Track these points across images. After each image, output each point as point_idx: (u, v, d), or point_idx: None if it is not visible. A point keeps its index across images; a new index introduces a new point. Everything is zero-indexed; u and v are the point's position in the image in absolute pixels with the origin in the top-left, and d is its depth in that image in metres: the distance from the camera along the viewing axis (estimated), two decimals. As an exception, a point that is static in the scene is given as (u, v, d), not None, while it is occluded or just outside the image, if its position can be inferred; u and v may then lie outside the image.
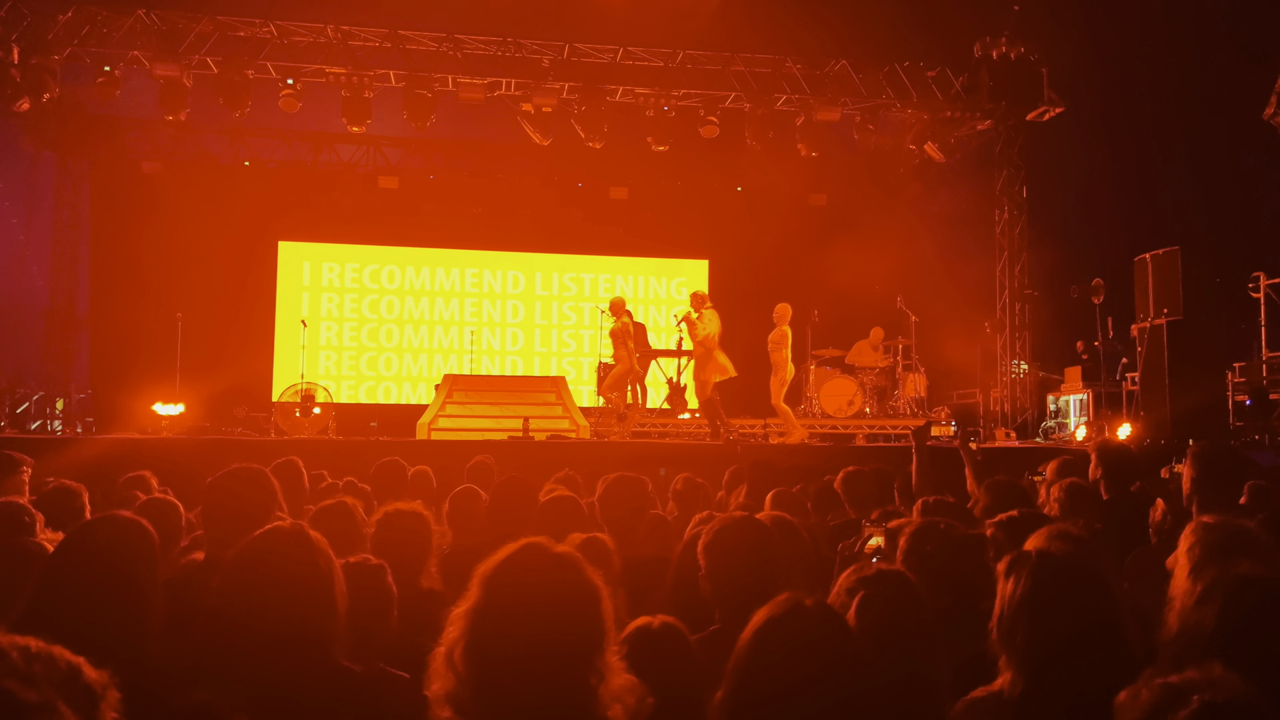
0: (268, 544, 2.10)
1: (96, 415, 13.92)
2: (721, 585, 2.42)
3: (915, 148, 14.44)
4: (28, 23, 12.11)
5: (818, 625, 1.72)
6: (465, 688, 1.65)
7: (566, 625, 1.69)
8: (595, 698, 1.68)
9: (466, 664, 1.66)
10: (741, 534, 2.52)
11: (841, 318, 13.71)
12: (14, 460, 4.12)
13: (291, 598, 2.02)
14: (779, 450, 10.04)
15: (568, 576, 1.75)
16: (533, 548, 1.79)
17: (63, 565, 2.28)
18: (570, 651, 1.67)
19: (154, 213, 14.41)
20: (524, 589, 1.71)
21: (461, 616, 1.71)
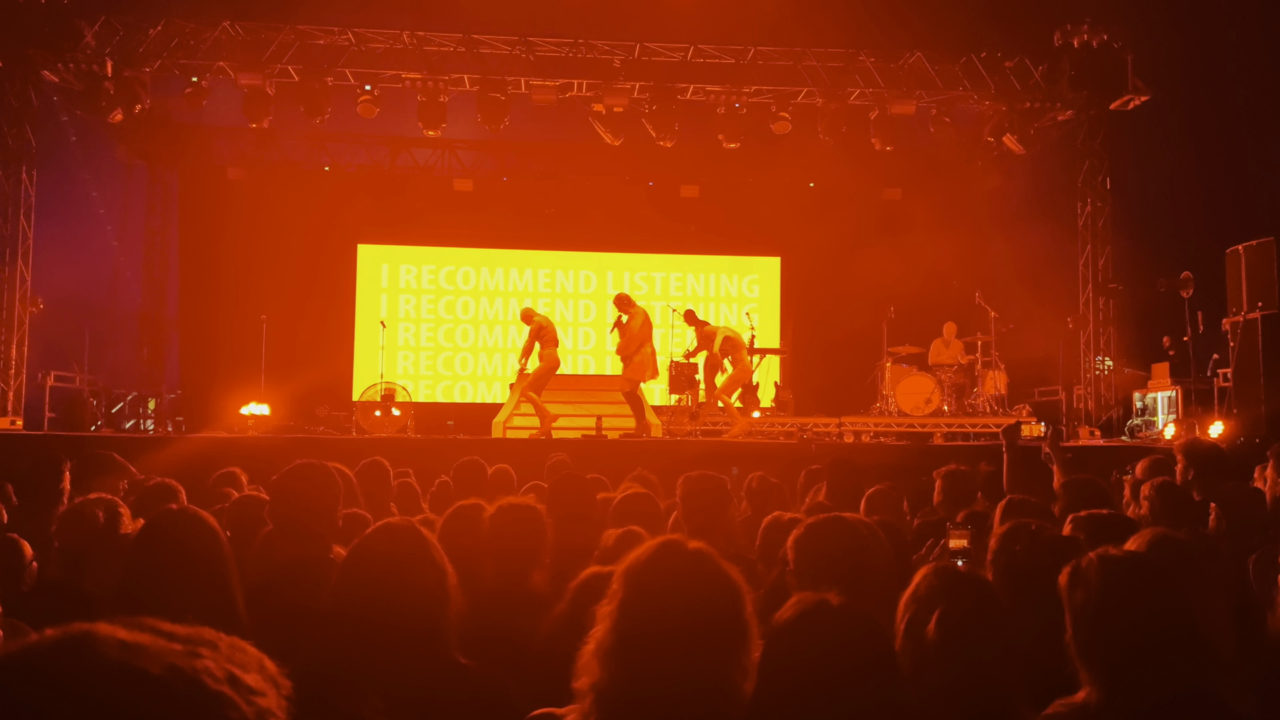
0: (386, 540, 2.15)
1: (186, 415, 14.41)
2: (809, 582, 2.41)
3: (993, 140, 14.13)
4: (120, 37, 12.58)
5: (843, 627, 1.70)
6: (614, 683, 1.66)
7: (711, 621, 1.68)
8: (740, 693, 1.66)
9: (614, 660, 1.67)
10: (832, 532, 2.50)
11: (917, 314, 13.48)
12: (105, 459, 4.28)
13: (409, 594, 2.06)
14: (857, 449, 9.92)
15: (707, 572, 1.74)
16: (669, 545, 1.79)
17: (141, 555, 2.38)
18: (716, 647, 1.67)
19: (239, 218, 14.91)
20: (668, 585, 1.71)
21: (608, 614, 1.72)
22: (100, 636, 0.72)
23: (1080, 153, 14.10)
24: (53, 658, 0.71)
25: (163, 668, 0.71)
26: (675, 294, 16.06)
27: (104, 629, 0.73)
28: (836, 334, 14.64)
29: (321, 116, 12.88)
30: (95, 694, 0.69)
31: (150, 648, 0.73)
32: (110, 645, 0.72)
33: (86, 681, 0.69)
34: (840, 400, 13.12)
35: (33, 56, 12.19)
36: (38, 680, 0.69)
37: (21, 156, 12.54)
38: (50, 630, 0.73)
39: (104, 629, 0.73)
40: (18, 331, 12.43)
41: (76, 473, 3.86)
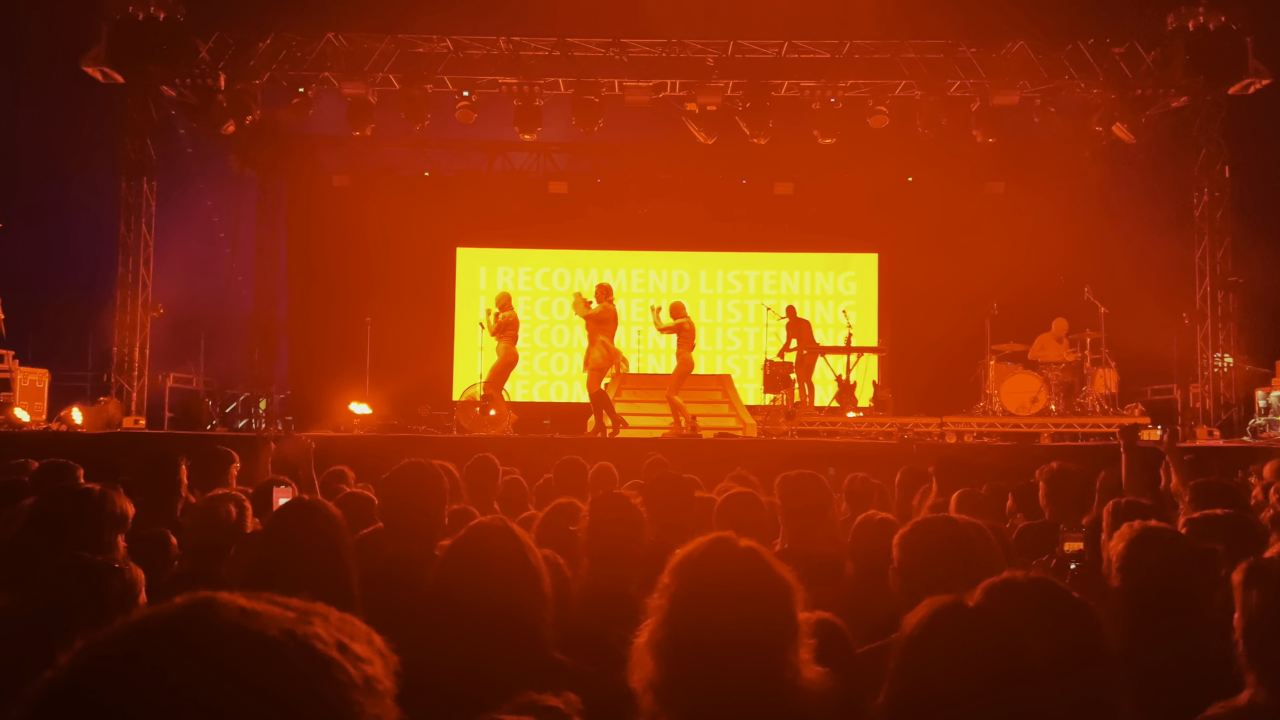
0: (480, 540, 2.19)
1: (295, 414, 14.92)
2: (914, 582, 2.36)
3: (1102, 129, 13.62)
4: (232, 52, 13.12)
5: (981, 628, 1.66)
6: (665, 677, 1.69)
7: (760, 616, 1.71)
8: (790, 688, 1.69)
9: (665, 654, 1.70)
10: (939, 531, 2.45)
11: (1022, 310, 13.07)
12: (225, 455, 4.47)
13: (503, 592, 2.10)
14: (965, 449, 9.68)
15: (758, 568, 1.78)
16: (720, 541, 1.82)
17: (270, 544, 2.47)
18: (764, 642, 1.70)
19: (344, 224, 15.40)
20: (717, 580, 1.74)
21: (658, 608, 1.75)
22: (221, 602, 0.78)
23: (1196, 140, 13.47)
24: (178, 620, 0.76)
25: (278, 631, 0.76)
26: (770, 292, 15.94)
27: (225, 596, 0.79)
28: (937, 331, 14.29)
29: (421, 123, 13.19)
30: (214, 652, 0.74)
31: (266, 614, 0.78)
32: (230, 610, 0.77)
33: (207, 641, 0.74)
34: (941, 399, 12.81)
35: (153, 73, 12.80)
36: (163, 639, 0.75)
37: (143, 168, 13.17)
38: (180, 599, 0.79)
39: (225, 596, 0.79)
40: (140, 335, 13.06)
41: (200, 468, 4.06)
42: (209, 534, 3.09)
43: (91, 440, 9.74)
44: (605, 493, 3.02)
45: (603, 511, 2.90)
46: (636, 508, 2.93)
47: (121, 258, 13.07)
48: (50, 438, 9.63)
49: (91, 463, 4.62)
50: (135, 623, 0.77)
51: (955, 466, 4.79)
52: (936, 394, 13.25)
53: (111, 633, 0.76)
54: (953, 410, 12.23)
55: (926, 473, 5.22)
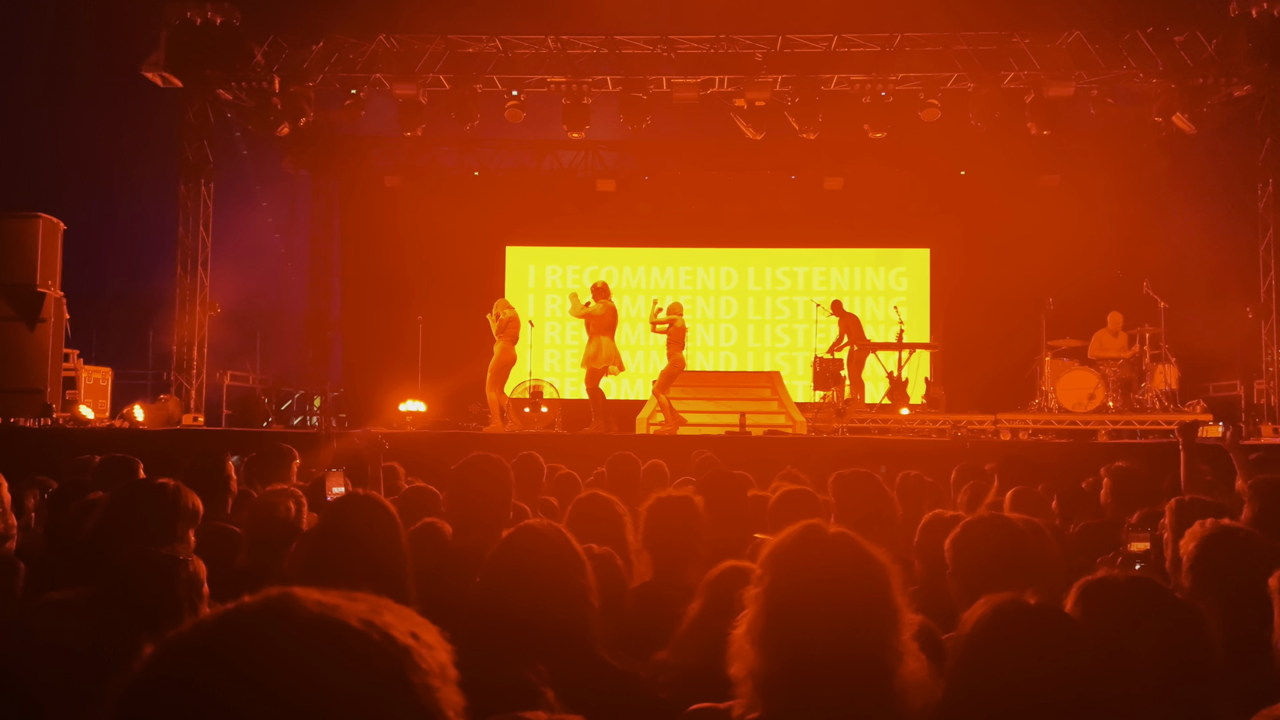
0: (525, 543, 2.20)
1: (349, 411, 15.15)
2: (969, 584, 2.33)
3: (1161, 119, 13.29)
4: (286, 55, 13.34)
5: (1044, 626, 1.63)
6: (766, 666, 1.68)
7: (859, 602, 1.69)
8: (894, 676, 1.66)
9: (765, 644, 1.69)
10: (991, 531, 2.41)
11: (1079, 306, 12.81)
12: (286, 452, 4.55)
13: (549, 595, 2.10)
14: (1026, 446, 9.52)
15: (853, 552, 1.75)
16: (812, 528, 1.81)
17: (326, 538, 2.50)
18: (866, 629, 1.67)
19: (396, 224, 15.59)
20: (815, 566, 1.72)
21: (755, 598, 1.74)
22: (299, 595, 0.80)
23: (1260, 130, 13.09)
24: (262, 613, 0.78)
25: (358, 621, 0.78)
26: (819, 288, 15.81)
27: (300, 590, 0.81)
28: (991, 327, 14.08)
29: (471, 123, 13.30)
30: (301, 642, 0.76)
31: (343, 605, 0.80)
32: (309, 602, 0.79)
33: (292, 632, 0.76)
34: (995, 396, 12.60)
35: (210, 77, 13.06)
36: (250, 632, 0.76)
37: (200, 171, 13.45)
38: (260, 594, 0.81)
39: (300, 590, 0.81)
40: (198, 334, 13.34)
41: (259, 463, 4.13)
42: (268, 529, 3.15)
43: (152, 437, 9.97)
44: (666, 494, 3.01)
45: (663, 512, 2.89)
46: (698, 509, 2.92)
47: (180, 259, 13.36)
48: (113, 435, 9.88)
49: (153, 459, 4.72)
50: (219, 617, 0.78)
51: (1016, 464, 4.70)
52: (990, 391, 13.03)
53: (198, 626, 0.78)
54: (1007, 407, 12.03)
55: (983, 471, 5.14)
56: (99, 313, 14.03)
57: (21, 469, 5.43)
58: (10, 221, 10.25)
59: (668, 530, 2.86)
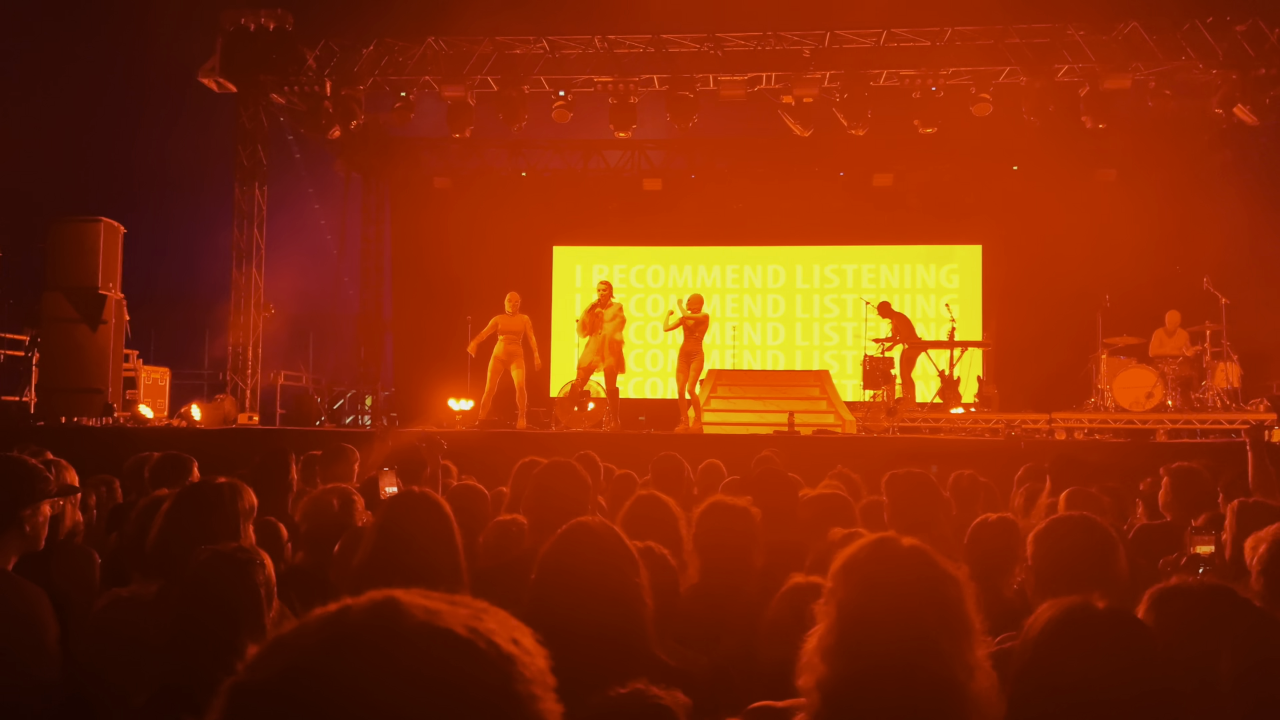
0: (577, 540, 2.20)
1: (399, 410, 15.32)
2: (1048, 583, 2.28)
3: (1222, 111, 12.95)
4: (337, 59, 13.53)
5: (1114, 630, 1.60)
6: (836, 680, 1.66)
7: (933, 615, 1.66)
8: (965, 693, 1.63)
9: (836, 658, 1.67)
10: (1079, 530, 2.36)
11: (1136, 302, 12.54)
12: (347, 451, 4.62)
13: (602, 592, 2.10)
14: (1080, 446, 9.34)
15: (927, 567, 1.73)
16: (886, 541, 1.78)
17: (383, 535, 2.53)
18: (939, 642, 1.64)
19: (445, 224, 15.76)
20: (888, 581, 1.70)
21: (827, 610, 1.72)
22: (404, 601, 0.79)
23: (1326, 120, 12.73)
24: (368, 619, 0.77)
25: (463, 628, 0.78)
26: (868, 286, 15.66)
27: (404, 595, 0.79)
28: (1045, 325, 13.84)
29: (519, 124, 13.37)
30: (411, 651, 0.75)
31: (446, 611, 0.79)
32: (416, 608, 0.78)
33: (401, 640, 0.75)
34: (1050, 395, 12.37)
35: (263, 81, 13.31)
36: (358, 638, 0.75)
37: (255, 174, 13.70)
38: (363, 597, 0.80)
39: (404, 595, 0.79)
40: (253, 335, 13.59)
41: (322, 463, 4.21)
42: (323, 526, 3.19)
43: (210, 436, 10.17)
44: (722, 500, 3.00)
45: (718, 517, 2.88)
46: (754, 518, 2.90)
47: (235, 261, 13.62)
48: (172, 434, 10.09)
49: (211, 458, 4.81)
50: (326, 620, 0.78)
51: (1070, 464, 4.61)
52: (1045, 389, 12.80)
53: (304, 629, 0.78)
54: (1062, 406, 11.80)
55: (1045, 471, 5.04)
56: (157, 314, 14.36)
57: (84, 467, 5.57)
58: (73, 226, 10.52)
59: (722, 535, 2.84)
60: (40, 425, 10.06)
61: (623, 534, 2.24)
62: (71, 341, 10.35)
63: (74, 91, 16.30)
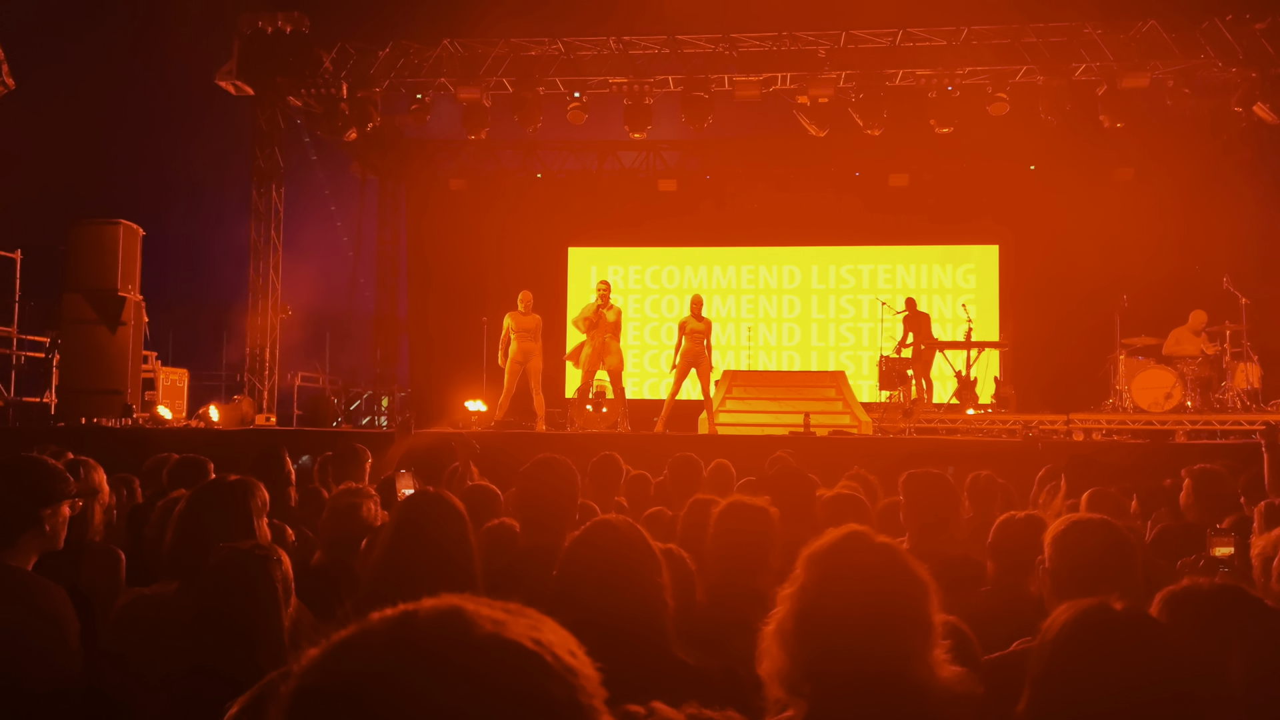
0: (601, 536, 2.21)
1: (415, 411, 15.35)
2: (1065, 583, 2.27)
3: (1241, 110, 12.86)
4: (353, 61, 13.60)
5: (1131, 632, 1.59)
6: (795, 667, 1.68)
7: (892, 611, 1.68)
8: (923, 687, 1.65)
9: (795, 643, 1.69)
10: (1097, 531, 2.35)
11: (1155, 302, 12.45)
12: (360, 452, 4.64)
13: (626, 588, 2.11)
14: (1096, 447, 9.29)
15: (892, 564, 1.74)
16: (855, 535, 1.80)
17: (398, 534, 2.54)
18: (896, 638, 1.66)
19: (461, 226, 15.82)
20: (850, 573, 1.72)
21: (789, 597, 1.74)
22: (469, 610, 0.78)
23: (1348, 118, 12.59)
24: (436, 626, 0.76)
25: (529, 640, 0.77)
26: (884, 287, 15.62)
27: (468, 602, 0.78)
28: (1062, 325, 13.78)
29: (534, 126, 13.40)
30: (481, 663, 0.74)
31: (511, 623, 0.78)
32: (482, 618, 0.77)
33: (469, 651, 0.74)
34: (1067, 396, 12.31)
35: (280, 84, 13.39)
36: (426, 646, 0.74)
37: (272, 176, 13.78)
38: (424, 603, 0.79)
39: (468, 602, 0.78)
40: (270, 336, 13.67)
41: (333, 463, 4.23)
42: (344, 527, 3.21)
43: (228, 437, 10.24)
44: (740, 500, 3.00)
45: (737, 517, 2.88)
46: (773, 518, 2.90)
47: (253, 262, 13.70)
48: (190, 434, 10.16)
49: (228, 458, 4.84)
50: (392, 625, 0.76)
51: (1085, 465, 4.59)
52: (1062, 390, 12.74)
53: (368, 633, 0.76)
54: (1079, 407, 11.74)
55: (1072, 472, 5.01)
56: (175, 315, 14.46)
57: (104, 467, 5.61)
58: (93, 228, 10.61)
59: (740, 534, 2.84)
60: (60, 426, 10.14)
61: (645, 531, 2.24)
62: (91, 343, 10.43)
63: (94, 95, 16.45)
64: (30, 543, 2.55)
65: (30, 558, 2.56)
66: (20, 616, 2.39)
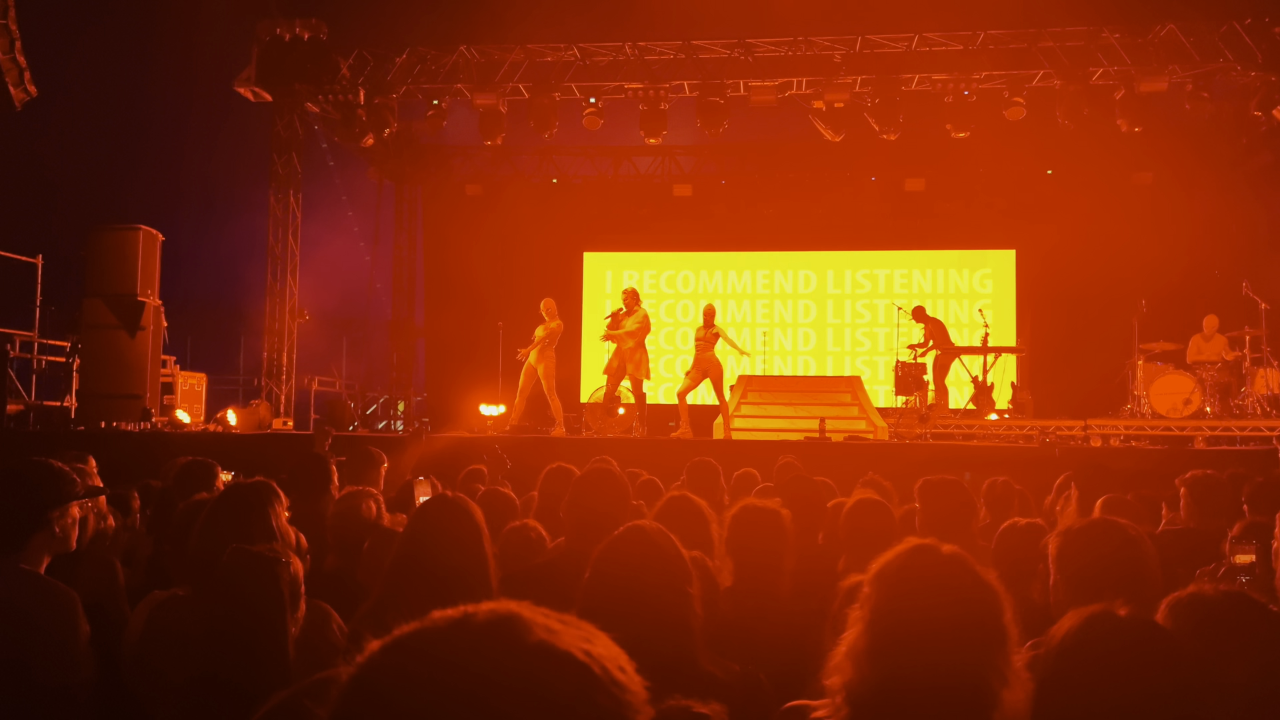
0: (633, 542, 2.19)
1: (432, 415, 15.42)
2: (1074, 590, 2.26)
3: (1261, 114, 12.77)
4: (370, 68, 13.68)
5: (1137, 640, 1.57)
6: (869, 684, 1.66)
7: (967, 624, 1.65)
8: (998, 701, 1.62)
9: (869, 661, 1.67)
10: (1105, 536, 2.34)
11: (1173, 307, 12.38)
12: (375, 456, 4.66)
13: (657, 596, 2.09)
14: (1106, 453, 9.24)
15: (963, 574, 1.72)
16: (924, 548, 1.78)
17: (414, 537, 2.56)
18: (972, 652, 1.64)
19: (477, 231, 15.87)
20: (922, 588, 1.70)
21: (860, 617, 1.72)
22: (525, 618, 0.79)
23: (1369, 122, 12.49)
24: (494, 632, 0.77)
25: (580, 651, 0.78)
26: (900, 291, 15.57)
27: (524, 610, 0.79)
28: (1080, 330, 13.71)
29: (550, 131, 13.44)
30: (535, 671, 0.75)
31: (564, 633, 0.79)
32: (537, 627, 0.78)
33: (527, 657, 0.76)
34: (1085, 401, 12.24)
35: (298, 90, 13.48)
36: (481, 651, 0.76)
37: (289, 182, 13.87)
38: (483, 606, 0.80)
39: (524, 610, 0.79)
40: (287, 341, 13.75)
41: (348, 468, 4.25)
42: (354, 530, 3.23)
43: (246, 441, 10.30)
44: (753, 503, 2.99)
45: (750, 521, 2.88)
46: (785, 521, 2.90)
47: (270, 268, 13.79)
48: (208, 438, 10.23)
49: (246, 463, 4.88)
50: (449, 628, 0.78)
51: (1096, 472, 4.55)
52: (1079, 396, 12.68)
53: (425, 636, 0.78)
54: (1097, 413, 11.67)
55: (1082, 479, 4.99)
56: (194, 320, 14.57)
57: (123, 471, 5.67)
58: (113, 234, 10.71)
59: (754, 538, 2.84)
60: (80, 430, 10.23)
61: (675, 539, 2.22)
62: (111, 348, 10.52)
63: (114, 103, 16.61)
64: (41, 545, 2.57)
65: (42, 560, 2.58)
66: (32, 619, 2.41)
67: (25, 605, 2.43)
